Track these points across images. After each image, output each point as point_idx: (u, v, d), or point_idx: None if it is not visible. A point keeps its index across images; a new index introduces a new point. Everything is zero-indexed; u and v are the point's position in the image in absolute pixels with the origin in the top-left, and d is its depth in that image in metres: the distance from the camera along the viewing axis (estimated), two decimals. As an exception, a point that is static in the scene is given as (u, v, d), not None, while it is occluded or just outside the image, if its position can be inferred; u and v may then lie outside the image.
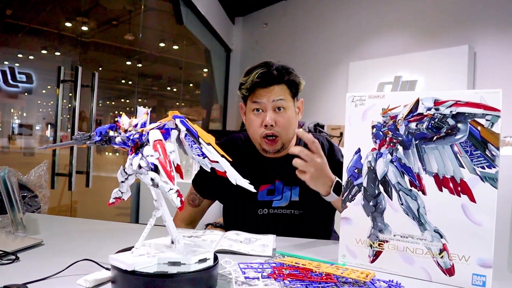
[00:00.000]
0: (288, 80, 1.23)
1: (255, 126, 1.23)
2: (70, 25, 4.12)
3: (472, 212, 0.75)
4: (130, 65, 5.07)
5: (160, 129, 0.64)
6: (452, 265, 0.76)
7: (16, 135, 3.77)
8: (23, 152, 3.70)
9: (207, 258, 0.63)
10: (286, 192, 1.26)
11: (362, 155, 0.86)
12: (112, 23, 4.88)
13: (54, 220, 1.24)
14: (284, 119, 1.21)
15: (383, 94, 0.84)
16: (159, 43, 5.71)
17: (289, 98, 1.23)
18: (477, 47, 4.14)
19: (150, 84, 6.39)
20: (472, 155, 0.75)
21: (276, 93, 1.20)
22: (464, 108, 0.76)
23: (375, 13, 5.17)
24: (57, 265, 0.74)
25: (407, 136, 0.81)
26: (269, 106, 1.20)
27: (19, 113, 3.94)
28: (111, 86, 5.34)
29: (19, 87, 3.66)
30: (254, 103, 1.22)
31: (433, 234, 0.78)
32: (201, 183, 1.36)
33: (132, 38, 4.89)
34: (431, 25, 4.54)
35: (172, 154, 0.61)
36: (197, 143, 0.63)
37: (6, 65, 3.45)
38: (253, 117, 1.23)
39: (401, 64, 4.62)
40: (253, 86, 1.21)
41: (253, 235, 1.09)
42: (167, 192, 0.62)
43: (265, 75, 1.20)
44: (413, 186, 0.80)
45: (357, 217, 0.87)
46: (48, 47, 3.99)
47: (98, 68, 4.89)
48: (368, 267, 0.85)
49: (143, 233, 0.68)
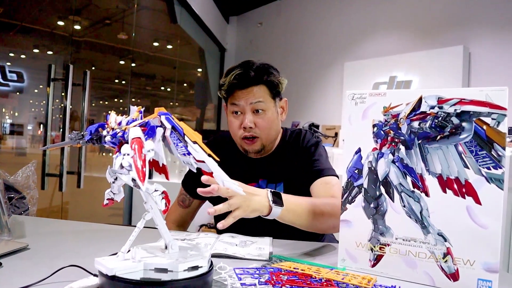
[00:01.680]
0: (267, 81, 1.19)
1: (235, 128, 1.21)
2: (63, 24, 4.07)
3: (478, 215, 0.72)
4: (123, 64, 5.01)
5: (142, 127, 0.60)
6: (456, 269, 0.73)
7: (7, 135, 3.71)
8: (15, 152, 3.64)
9: (198, 266, 0.59)
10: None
11: (362, 155, 0.83)
12: (105, 22, 4.82)
13: (42, 223, 1.19)
14: (264, 121, 1.19)
15: (384, 92, 0.81)
16: (153, 42, 5.66)
17: (268, 99, 1.20)
18: (472, 48, 4.14)
19: (144, 83, 6.33)
20: (477, 155, 0.72)
21: (254, 95, 1.17)
22: (469, 107, 0.73)
23: (370, 12, 5.16)
24: (42, 271, 0.70)
25: (409, 136, 0.78)
26: (248, 108, 1.18)
27: (11, 113, 3.87)
28: (104, 85, 5.28)
29: (10, 86, 3.60)
30: (232, 105, 1.20)
31: (436, 237, 0.75)
32: (191, 183, 1.33)
33: (126, 37, 4.84)
34: (426, 25, 4.53)
35: (150, 152, 0.57)
36: (183, 141, 0.59)
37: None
38: (233, 119, 1.22)
39: (396, 64, 4.61)
40: (231, 87, 1.19)
41: (249, 238, 1.05)
42: (151, 194, 0.59)
43: (242, 76, 1.17)
44: (416, 188, 0.77)
45: (357, 220, 0.84)
46: (40, 46, 3.93)
47: (91, 68, 4.83)
48: (368, 271, 0.82)
49: (131, 236, 0.64)
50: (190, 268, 0.59)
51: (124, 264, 0.59)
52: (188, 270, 0.58)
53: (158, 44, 5.87)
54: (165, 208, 0.59)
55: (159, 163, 0.61)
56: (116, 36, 4.92)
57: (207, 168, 0.59)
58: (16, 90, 3.70)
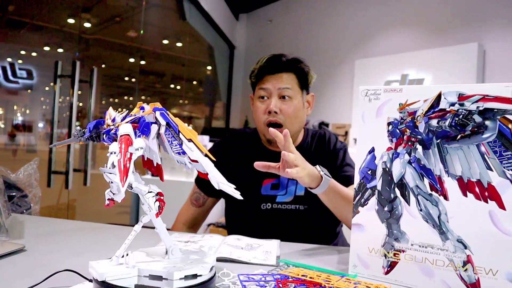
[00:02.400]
0: (297, 69, 1.20)
1: (259, 113, 1.20)
2: (72, 22, 4.06)
3: (501, 220, 0.66)
4: (132, 62, 5.00)
5: (135, 123, 0.56)
6: (477, 279, 0.68)
7: (17, 132, 3.73)
8: (25, 149, 3.66)
9: (197, 274, 0.55)
10: (291, 187, 1.21)
11: (376, 155, 0.78)
12: (115, 19, 4.81)
13: (42, 222, 1.16)
14: (289, 107, 1.18)
15: (400, 88, 0.76)
16: (162, 40, 5.64)
17: (296, 89, 1.21)
18: (486, 45, 4.02)
19: (153, 81, 6.33)
20: (501, 156, 0.66)
21: (283, 81, 1.18)
22: (493, 104, 0.67)
23: (382, 9, 5.06)
24: (37, 275, 0.66)
25: (427, 135, 0.73)
26: (275, 93, 1.18)
27: (22, 110, 3.89)
28: (114, 83, 5.28)
29: (20, 83, 3.61)
30: (260, 90, 1.20)
31: (456, 244, 0.70)
32: (205, 181, 1.29)
33: (135, 35, 4.82)
34: (439, 22, 4.43)
35: (138, 151, 0.53)
36: (178, 139, 0.54)
37: (6, 61, 3.40)
38: (258, 104, 1.21)
39: (408, 62, 4.51)
40: (261, 72, 1.20)
41: (256, 240, 1.01)
42: (144, 196, 0.54)
43: (273, 60, 1.20)
44: (434, 190, 0.72)
45: (370, 224, 0.78)
46: (50, 44, 3.93)
47: (101, 65, 4.83)
48: (382, 279, 0.77)
49: (126, 240, 0.60)
50: (187, 276, 0.54)
51: (117, 270, 0.55)
52: (185, 279, 0.54)
53: (167, 41, 5.85)
54: (158, 211, 0.55)
55: (153, 163, 0.57)
56: (125, 33, 4.91)
57: (202, 168, 0.54)
58: (26, 88, 3.71)
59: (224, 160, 1.29)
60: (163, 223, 0.62)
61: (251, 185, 1.23)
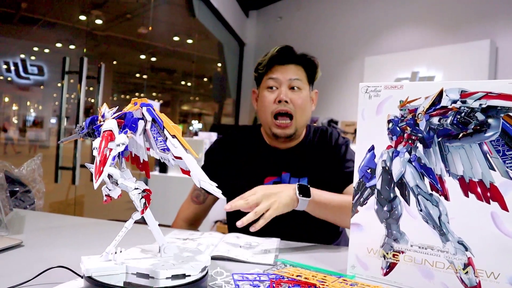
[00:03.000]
0: (307, 61, 1.21)
1: (268, 103, 1.18)
2: (85, 18, 4.09)
3: (504, 222, 0.64)
4: (142, 58, 5.02)
5: (120, 119, 0.55)
6: (478, 282, 0.66)
7: (29, 127, 3.78)
8: (36, 144, 3.70)
9: (185, 274, 0.54)
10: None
11: (376, 153, 0.76)
12: (125, 16, 4.83)
13: (44, 218, 1.16)
14: (299, 98, 1.17)
15: (401, 85, 0.74)
16: (171, 37, 5.65)
17: (305, 81, 1.21)
18: (499, 42, 3.94)
19: (164, 78, 6.35)
20: (504, 155, 0.64)
21: (293, 72, 1.18)
22: (496, 101, 0.65)
23: (392, 6, 4.99)
24: (32, 271, 0.66)
25: (428, 133, 0.70)
26: (285, 83, 1.17)
27: (35, 106, 3.94)
28: (125, 79, 5.32)
29: (31, 79, 3.65)
30: (269, 80, 1.19)
31: (456, 246, 0.68)
32: None
33: (146, 32, 4.84)
34: (451, 18, 4.35)
35: (119, 147, 0.52)
36: (162, 135, 0.53)
37: (18, 57, 3.44)
38: (266, 93, 1.20)
39: (418, 59, 4.44)
40: (271, 62, 1.20)
41: (255, 239, 1.00)
42: (130, 192, 0.54)
43: (284, 50, 1.19)
44: (434, 190, 0.70)
45: (369, 224, 0.77)
46: (62, 40, 3.96)
47: (113, 62, 4.87)
48: (380, 280, 0.75)
49: (117, 236, 0.59)
50: (175, 276, 0.53)
51: (104, 266, 0.55)
52: (172, 278, 0.53)
53: (176, 38, 5.86)
54: (142, 209, 0.55)
55: (140, 159, 0.56)
56: (135, 30, 4.93)
57: (185, 165, 0.52)
58: (37, 84, 3.76)
59: (225, 158, 1.28)
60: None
61: (253, 182, 1.21)
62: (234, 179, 1.25)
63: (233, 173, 1.26)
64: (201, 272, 0.56)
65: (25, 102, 3.83)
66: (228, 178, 1.26)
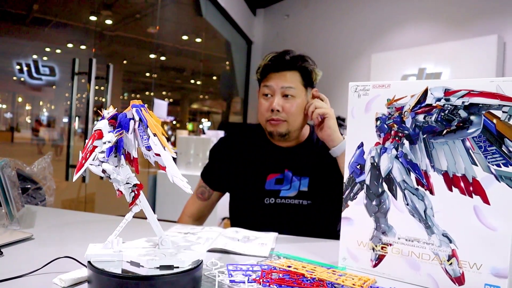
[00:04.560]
0: (301, 67, 1.22)
1: (263, 110, 1.23)
2: (95, 19, 4.16)
3: (486, 215, 0.67)
4: (151, 58, 5.08)
5: (113, 119, 0.59)
6: (462, 273, 0.69)
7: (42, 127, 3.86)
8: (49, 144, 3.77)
9: (173, 266, 0.58)
10: (295, 182, 1.23)
11: (365, 150, 0.79)
12: (133, 16, 4.90)
13: (54, 213, 1.22)
14: (292, 106, 1.20)
15: (388, 84, 0.77)
16: (179, 36, 5.71)
17: (300, 87, 1.22)
18: (507, 37, 3.90)
19: (173, 76, 6.42)
20: (486, 151, 0.67)
21: (286, 80, 1.20)
22: (478, 99, 0.67)
23: (399, 2, 4.97)
24: (41, 262, 0.71)
25: (414, 130, 0.73)
26: (278, 91, 1.20)
27: (47, 106, 4.03)
28: (136, 79, 5.39)
29: (43, 80, 3.73)
30: (264, 87, 1.23)
31: (441, 238, 0.71)
32: (210, 175, 1.33)
33: (154, 31, 4.90)
34: (458, 14, 4.31)
35: (105, 144, 0.57)
36: (146, 134, 0.57)
37: (31, 58, 3.52)
38: (262, 101, 1.24)
39: (425, 56, 4.41)
40: (265, 69, 1.23)
41: (253, 233, 1.04)
42: (121, 186, 0.59)
43: (277, 59, 1.22)
44: (420, 185, 0.73)
45: (358, 217, 0.80)
46: (73, 41, 4.04)
47: (123, 61, 4.94)
48: (370, 272, 0.78)
49: (118, 227, 0.64)
50: (163, 266, 0.58)
51: (103, 252, 0.60)
52: (160, 268, 0.58)
53: (184, 37, 5.92)
54: (130, 201, 0.59)
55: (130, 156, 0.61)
56: (144, 30, 5.00)
57: (162, 162, 0.56)
58: (49, 84, 3.84)
59: (228, 155, 1.32)
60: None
61: (255, 179, 1.25)
62: (238, 175, 1.29)
63: (236, 170, 1.30)
64: (191, 264, 0.60)
65: (38, 102, 3.92)
66: (231, 175, 1.30)
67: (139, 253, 0.61)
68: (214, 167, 1.34)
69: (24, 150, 3.49)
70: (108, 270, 0.57)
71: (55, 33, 3.88)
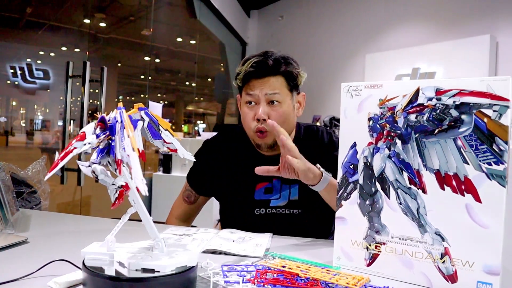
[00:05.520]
0: (285, 72, 1.14)
1: (248, 120, 1.16)
2: (88, 22, 4.15)
3: (478, 213, 0.67)
4: (145, 60, 5.08)
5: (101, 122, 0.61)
6: (454, 271, 0.69)
7: (35, 131, 3.84)
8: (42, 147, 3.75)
9: (154, 270, 0.58)
10: (285, 191, 1.19)
11: (358, 149, 0.80)
12: (127, 18, 4.89)
13: (49, 217, 1.22)
14: (278, 113, 1.12)
15: (380, 84, 0.77)
16: (173, 38, 5.70)
17: (285, 91, 1.15)
18: (499, 37, 3.94)
19: (168, 79, 6.41)
20: (477, 150, 0.67)
21: (270, 86, 1.12)
22: (469, 98, 0.68)
23: (392, 3, 5.00)
24: (36, 265, 0.71)
25: (406, 129, 0.74)
26: (263, 99, 1.12)
27: (42, 109, 4.01)
28: (130, 81, 5.38)
29: (37, 83, 3.71)
30: (247, 95, 1.15)
31: (434, 236, 0.71)
32: (196, 179, 1.31)
33: (148, 34, 4.90)
34: (451, 14, 4.35)
35: (85, 146, 0.60)
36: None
37: (24, 62, 3.51)
38: (246, 110, 1.16)
39: (419, 56, 4.45)
40: (247, 76, 1.14)
41: (249, 234, 1.04)
42: (108, 187, 0.60)
43: (259, 64, 1.12)
44: (413, 184, 0.73)
45: (352, 217, 0.81)
46: (67, 44, 4.03)
47: (117, 64, 4.94)
48: (364, 271, 0.79)
49: (116, 227, 0.65)
50: (144, 269, 0.58)
51: (97, 251, 0.62)
52: (141, 271, 0.58)
53: (179, 39, 5.91)
54: (113, 203, 0.60)
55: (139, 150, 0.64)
56: (138, 32, 4.99)
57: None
58: (43, 87, 3.82)
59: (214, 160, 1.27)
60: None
61: (244, 189, 1.21)
62: (225, 183, 1.25)
63: (223, 177, 1.26)
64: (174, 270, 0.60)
65: (32, 106, 3.91)
66: (217, 181, 1.26)
67: (129, 255, 0.62)
68: (199, 171, 1.30)
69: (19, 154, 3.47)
70: (102, 272, 0.57)
71: (49, 36, 3.87)
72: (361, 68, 5.24)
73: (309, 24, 6.17)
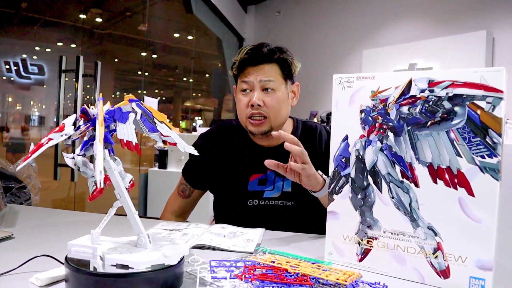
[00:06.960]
0: (280, 59, 1.15)
1: (242, 106, 1.17)
2: (84, 17, 4.11)
3: (470, 207, 0.66)
4: (141, 56, 5.04)
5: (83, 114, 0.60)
6: (447, 266, 0.68)
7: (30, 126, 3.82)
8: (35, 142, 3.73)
9: (128, 266, 0.57)
10: (278, 183, 1.19)
11: (349, 142, 0.78)
12: (126, 14, 4.85)
13: (38, 212, 1.20)
14: (273, 99, 1.14)
15: (372, 75, 0.76)
16: (170, 34, 5.67)
17: (280, 79, 1.16)
18: (496, 32, 3.92)
19: (165, 75, 6.38)
20: (470, 142, 0.66)
21: (265, 73, 1.14)
22: (462, 89, 0.67)
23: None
24: (19, 261, 0.69)
25: (398, 122, 0.72)
26: (257, 85, 1.14)
27: (38, 105, 3.99)
28: (127, 77, 5.35)
29: (31, 78, 3.68)
30: (242, 83, 1.16)
31: (426, 231, 0.70)
32: (191, 173, 1.30)
33: (145, 29, 4.86)
34: (447, 9, 4.32)
35: (62, 137, 0.58)
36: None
37: (19, 57, 3.48)
38: (241, 97, 1.18)
39: (416, 51, 4.43)
40: (242, 64, 1.16)
41: (240, 229, 1.02)
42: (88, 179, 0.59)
43: (254, 52, 1.15)
44: (405, 178, 0.72)
45: (344, 211, 0.79)
46: (63, 39, 4.00)
47: (114, 60, 4.90)
48: (356, 266, 0.77)
49: (103, 220, 0.63)
50: (119, 265, 0.57)
51: (82, 243, 0.60)
52: (116, 266, 0.57)
53: (175, 35, 5.88)
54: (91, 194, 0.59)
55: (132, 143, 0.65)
56: (134, 27, 4.95)
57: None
58: (38, 83, 3.79)
59: (209, 154, 1.26)
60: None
61: (238, 181, 1.22)
62: (219, 175, 1.25)
63: (218, 170, 1.26)
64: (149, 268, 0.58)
65: (28, 101, 3.88)
66: (212, 174, 1.26)
67: (109, 249, 0.60)
68: (195, 164, 1.30)
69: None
70: (87, 265, 0.56)
71: (44, 32, 3.83)
72: (358, 64, 5.22)
73: (306, 20, 6.14)
